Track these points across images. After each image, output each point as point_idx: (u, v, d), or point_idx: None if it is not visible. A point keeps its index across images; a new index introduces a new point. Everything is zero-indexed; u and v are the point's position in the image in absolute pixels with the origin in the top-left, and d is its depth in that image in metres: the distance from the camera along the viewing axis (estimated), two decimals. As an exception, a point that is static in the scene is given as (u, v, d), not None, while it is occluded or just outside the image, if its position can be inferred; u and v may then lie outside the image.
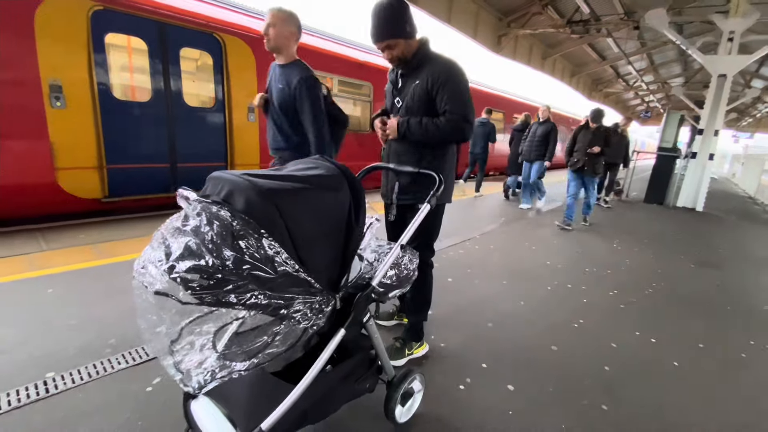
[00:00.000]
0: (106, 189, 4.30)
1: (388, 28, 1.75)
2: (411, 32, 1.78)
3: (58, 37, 3.78)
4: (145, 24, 4.35)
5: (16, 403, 1.53)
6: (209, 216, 0.92)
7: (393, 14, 1.73)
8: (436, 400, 1.70)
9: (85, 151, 4.08)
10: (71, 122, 3.94)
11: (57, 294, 2.43)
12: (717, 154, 28.22)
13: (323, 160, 1.24)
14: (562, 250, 4.31)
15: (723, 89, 7.60)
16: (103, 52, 4.09)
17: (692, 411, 1.81)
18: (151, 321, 1.03)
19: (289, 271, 0.98)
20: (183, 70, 4.73)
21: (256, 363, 1.01)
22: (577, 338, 2.39)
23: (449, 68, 1.79)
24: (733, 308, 3.07)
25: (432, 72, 1.77)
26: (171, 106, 4.67)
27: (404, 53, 1.80)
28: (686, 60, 14.77)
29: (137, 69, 4.46)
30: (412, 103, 1.83)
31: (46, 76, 3.72)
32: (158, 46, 4.48)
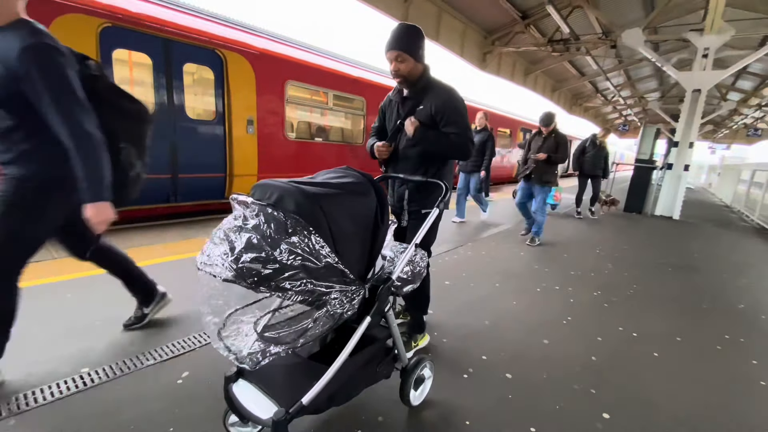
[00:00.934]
0: None
1: (405, 40, 1.89)
2: (421, 57, 1.95)
3: None
4: (151, 40, 4.52)
5: (58, 394, 1.65)
6: (266, 216, 1.10)
7: (413, 33, 1.91)
8: (443, 386, 1.88)
9: None
10: None
11: (76, 298, 2.54)
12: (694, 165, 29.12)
13: (351, 170, 1.44)
14: (549, 256, 4.55)
15: (697, 103, 8.04)
16: (110, 67, 4.24)
17: (670, 394, 2.02)
18: (207, 315, 1.19)
19: (331, 263, 1.15)
20: (186, 84, 4.90)
21: (302, 342, 1.18)
22: (566, 333, 2.60)
23: (452, 96, 1.97)
24: (708, 307, 3.33)
25: (437, 99, 1.94)
26: (174, 119, 4.81)
27: (411, 73, 1.94)
28: (662, 75, 15.53)
29: (142, 83, 4.62)
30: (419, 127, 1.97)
31: None
32: (163, 61, 4.66)
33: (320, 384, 1.25)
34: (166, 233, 4.28)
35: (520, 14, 9.95)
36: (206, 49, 5.02)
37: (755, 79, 14.24)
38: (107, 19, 4.14)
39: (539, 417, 1.73)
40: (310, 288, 1.12)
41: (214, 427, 1.49)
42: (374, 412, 1.69)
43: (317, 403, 1.29)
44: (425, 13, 9.06)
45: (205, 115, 5.21)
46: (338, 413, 1.64)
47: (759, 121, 21.62)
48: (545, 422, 1.70)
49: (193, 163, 5.08)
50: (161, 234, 4.24)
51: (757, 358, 2.47)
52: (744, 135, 24.83)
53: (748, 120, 21.43)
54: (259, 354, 1.17)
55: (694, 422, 1.80)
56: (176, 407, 1.63)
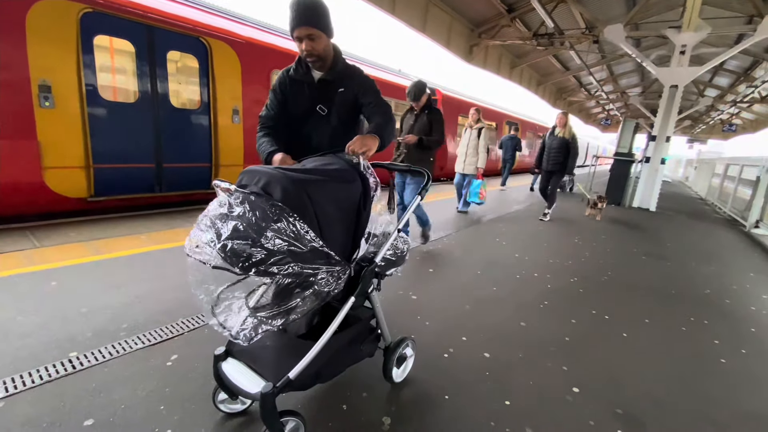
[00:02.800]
0: (92, 188, 4.35)
1: (316, 15, 1.68)
2: (332, 33, 1.77)
3: (48, 38, 3.84)
4: (134, 27, 4.44)
5: (47, 377, 1.68)
6: (251, 204, 1.16)
7: (322, 6, 1.70)
8: (425, 365, 1.97)
9: (72, 151, 4.13)
10: (59, 122, 3.99)
11: (61, 286, 2.54)
12: (672, 159, 29.72)
13: (338, 158, 1.50)
14: (530, 244, 4.70)
15: (674, 99, 8.31)
16: (91, 53, 4.16)
17: (637, 370, 2.16)
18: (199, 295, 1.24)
19: (316, 247, 1.22)
20: (169, 72, 4.84)
21: (292, 318, 1.25)
22: (542, 316, 2.73)
23: (367, 76, 1.89)
24: (677, 292, 3.51)
25: (357, 80, 1.85)
26: (157, 108, 4.76)
27: (326, 51, 1.77)
28: (643, 71, 15.87)
29: (124, 71, 4.54)
30: (342, 110, 1.86)
31: (35, 77, 3.77)
32: (146, 48, 4.58)
33: (306, 359, 1.32)
34: (151, 223, 4.26)
35: (506, 7, 10.03)
36: (190, 36, 4.95)
37: (731, 76, 14.68)
38: (88, 4, 4.05)
39: (513, 391, 1.85)
40: (297, 270, 1.18)
41: (204, 405, 1.55)
42: (359, 388, 1.77)
43: (303, 379, 1.36)
44: (412, 5, 9.05)
45: (189, 104, 5.16)
46: (324, 390, 1.72)
47: (734, 117, 22.33)
48: (519, 396, 1.82)
49: (177, 152, 5.04)
50: (146, 224, 4.21)
51: (719, 339, 2.64)
52: (720, 130, 25.61)
53: (724, 116, 22.11)
54: (251, 330, 1.23)
55: (657, 395, 1.93)
56: (166, 387, 1.68)
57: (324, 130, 1.87)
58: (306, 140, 1.89)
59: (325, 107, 1.84)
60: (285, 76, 1.89)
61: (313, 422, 1.54)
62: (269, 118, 1.93)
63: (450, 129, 11.14)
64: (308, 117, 1.87)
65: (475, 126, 5.97)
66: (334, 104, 1.84)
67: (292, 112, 1.89)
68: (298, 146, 1.83)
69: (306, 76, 1.84)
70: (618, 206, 8.84)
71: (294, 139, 1.89)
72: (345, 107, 1.85)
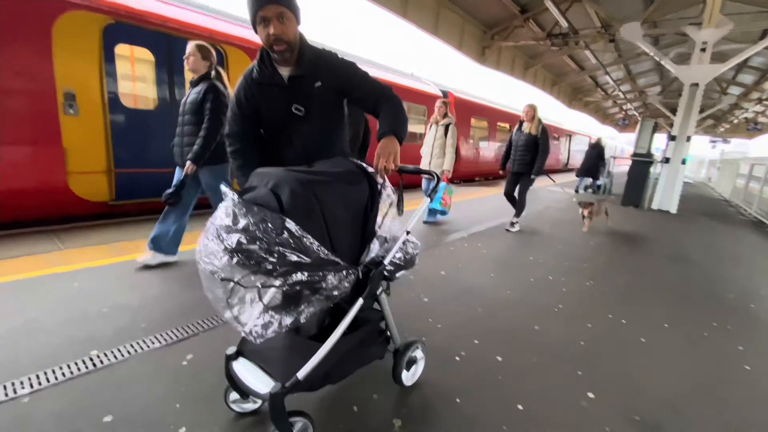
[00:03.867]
0: (113, 192, 4.50)
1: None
2: (300, 19, 1.54)
3: (72, 48, 4.00)
4: (153, 36, 4.60)
5: (69, 374, 1.74)
6: (254, 216, 1.17)
7: None
8: (436, 368, 1.96)
9: (94, 156, 4.29)
10: (82, 129, 4.16)
11: (83, 287, 2.63)
12: (694, 160, 28.89)
13: (345, 160, 1.51)
14: (544, 247, 4.63)
15: (695, 97, 8.09)
16: (113, 62, 4.32)
17: (656, 376, 2.10)
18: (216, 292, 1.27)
19: (320, 255, 1.22)
20: (187, 80, 4.96)
21: (301, 319, 1.27)
22: (557, 320, 2.68)
23: (341, 58, 1.63)
24: (699, 296, 3.41)
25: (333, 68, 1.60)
26: (176, 115, 4.88)
27: (295, 38, 1.52)
28: (662, 69, 15.50)
29: (144, 79, 4.70)
30: (322, 107, 1.62)
31: (61, 86, 3.93)
32: (165, 57, 4.73)
33: (314, 360, 1.33)
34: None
35: (519, 8, 9.96)
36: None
37: (756, 73, 14.20)
38: (111, 15, 4.22)
39: (526, 396, 1.82)
40: (303, 279, 1.20)
41: (218, 404, 1.58)
42: (369, 390, 1.77)
43: (312, 380, 1.37)
44: (424, 7, 9.08)
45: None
46: (335, 391, 1.73)
47: (760, 115, 21.58)
48: (532, 400, 1.79)
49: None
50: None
51: (743, 345, 2.55)
52: (745, 129, 24.79)
53: (749, 114, 21.40)
54: (262, 327, 1.26)
55: (676, 403, 1.88)
56: (181, 386, 1.72)
57: (305, 132, 1.63)
58: (288, 147, 1.66)
59: (302, 106, 1.58)
60: (248, 82, 1.63)
61: (324, 423, 1.55)
62: (235, 135, 1.70)
63: (462, 131, 11.15)
64: (285, 122, 1.62)
65: (441, 121, 5.13)
66: (311, 101, 1.58)
67: (266, 119, 1.65)
68: (281, 156, 1.66)
69: (273, 76, 1.58)
70: (636, 208, 8.63)
71: (275, 148, 1.69)
72: (325, 103, 1.61)
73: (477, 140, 12.50)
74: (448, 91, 10.84)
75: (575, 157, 23.57)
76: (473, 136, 12.09)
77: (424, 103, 9.67)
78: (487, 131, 12.90)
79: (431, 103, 9.81)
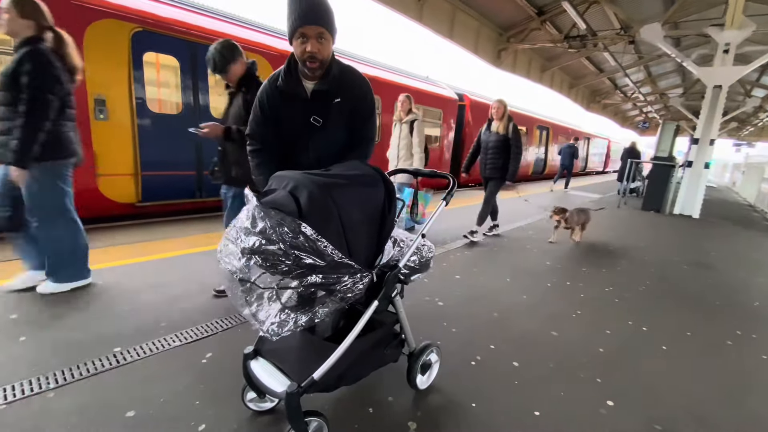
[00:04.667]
0: (139, 194, 4.71)
1: (328, 13, 1.51)
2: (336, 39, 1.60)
3: (103, 55, 4.19)
4: (179, 44, 4.78)
5: (93, 370, 1.79)
6: (272, 220, 1.20)
7: (330, 4, 1.52)
8: (451, 372, 1.96)
9: (122, 160, 4.49)
10: (112, 133, 4.35)
11: (107, 286, 2.71)
12: (718, 164, 28.02)
13: (361, 164, 1.53)
14: (562, 252, 4.56)
15: (718, 100, 7.88)
16: (141, 69, 4.50)
17: (678, 384, 2.05)
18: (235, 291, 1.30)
19: (335, 258, 1.24)
20: (210, 85, 5.17)
21: (315, 318, 1.28)
22: (575, 326, 2.64)
23: (368, 89, 1.73)
24: (722, 303, 3.31)
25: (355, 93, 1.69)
26: (199, 119, 5.04)
27: (327, 57, 1.58)
28: (684, 71, 15.15)
29: (170, 84, 4.89)
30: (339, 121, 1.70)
31: (92, 92, 4.14)
32: (189, 63, 4.92)
33: (330, 361, 1.34)
34: (187, 228, 4.47)
35: (536, 10, 9.88)
36: None
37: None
38: (139, 24, 4.41)
39: (544, 402, 1.80)
40: (318, 281, 1.22)
41: (236, 402, 1.61)
42: (385, 392, 1.78)
43: (327, 381, 1.38)
44: (439, 12, 9.09)
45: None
46: (351, 393, 1.74)
47: (787, 117, 20.85)
48: (549, 407, 1.77)
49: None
50: (183, 229, 4.42)
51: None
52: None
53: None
54: (278, 326, 1.28)
55: (699, 412, 1.83)
56: (201, 383, 1.75)
57: (321, 141, 1.72)
58: (303, 153, 1.75)
59: (320, 118, 1.68)
60: (272, 88, 1.70)
61: (339, 424, 1.56)
62: (260, 135, 1.77)
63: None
64: (303, 130, 1.71)
65: (405, 118, 4.54)
66: (329, 115, 1.68)
67: (286, 126, 1.73)
68: (296, 160, 1.74)
69: (297, 88, 1.65)
70: (657, 213, 8.43)
71: (290, 153, 1.77)
72: (342, 118, 1.71)
73: None
74: (463, 94, 10.81)
75: (593, 160, 23.17)
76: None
77: (440, 107, 9.67)
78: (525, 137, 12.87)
79: (447, 106, 9.82)
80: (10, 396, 1.59)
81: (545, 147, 16.41)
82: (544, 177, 16.57)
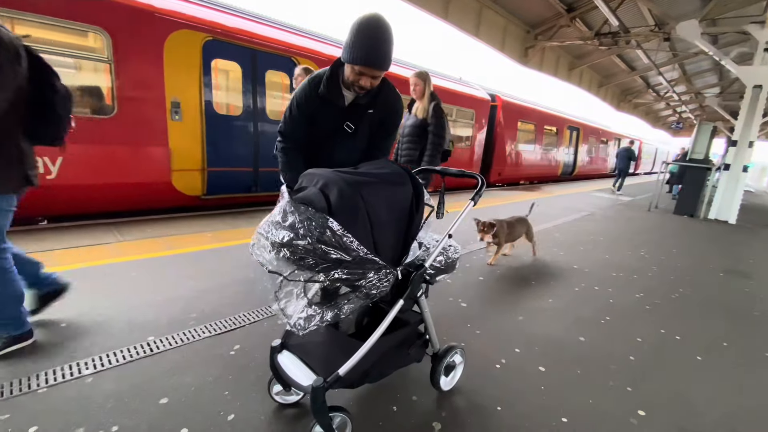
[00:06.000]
0: (204, 188, 5.15)
1: (388, 59, 1.61)
2: None
3: (179, 62, 4.61)
4: (243, 51, 5.19)
5: (129, 358, 1.87)
6: (301, 214, 1.22)
7: (393, 46, 1.59)
8: (476, 375, 1.94)
9: (192, 156, 4.93)
10: (184, 132, 4.79)
11: (139, 277, 2.81)
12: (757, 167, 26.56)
13: (390, 163, 1.53)
14: (589, 256, 4.44)
15: (759, 100, 7.52)
16: (209, 74, 4.91)
17: (713, 396, 1.97)
18: (267, 285, 1.34)
19: (360, 255, 1.24)
20: (267, 89, 5.57)
21: (340, 315, 1.30)
22: (603, 332, 2.57)
23: (399, 102, 1.87)
24: (761, 313, 3.15)
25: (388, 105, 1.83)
26: (256, 119, 5.52)
27: (375, 87, 1.73)
28: (722, 70, 14.46)
29: (233, 89, 5.32)
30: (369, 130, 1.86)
31: (169, 95, 4.57)
32: (250, 69, 5.32)
33: (355, 358, 1.35)
34: (215, 223, 4.58)
35: (566, 7, 9.62)
36: (284, 57, 5.65)
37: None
38: (209, 33, 4.81)
39: (571, 409, 1.76)
40: (344, 277, 1.23)
41: (263, 394, 1.64)
42: (409, 391, 1.78)
43: (352, 377, 1.39)
44: (466, 9, 8.98)
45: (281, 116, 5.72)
46: (376, 391, 1.75)
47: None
48: (577, 414, 1.73)
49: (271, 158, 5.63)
50: (211, 224, 4.54)
51: (813, 369, 2.33)
52: (817, 134, 22.55)
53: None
54: (305, 320, 1.30)
55: (735, 425, 1.75)
56: (230, 374, 1.80)
57: (349, 146, 1.86)
58: (330, 156, 1.86)
59: (353, 125, 1.81)
60: (313, 93, 1.78)
61: (364, 421, 1.57)
62: (293, 133, 1.86)
63: (510, 134, 11.14)
64: (334, 134, 1.83)
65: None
66: (361, 123, 1.82)
67: (319, 127, 1.84)
68: (322, 161, 1.79)
69: (337, 96, 1.76)
70: (692, 217, 8.09)
71: (318, 154, 1.88)
72: (372, 127, 1.85)
73: (523, 144, 12.37)
74: (495, 95, 10.79)
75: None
76: (520, 140, 12.04)
77: (472, 107, 9.81)
78: (533, 134, 12.72)
79: (480, 107, 9.99)
80: (51, 380, 1.68)
81: (575, 148, 16.13)
82: (573, 178, 16.42)
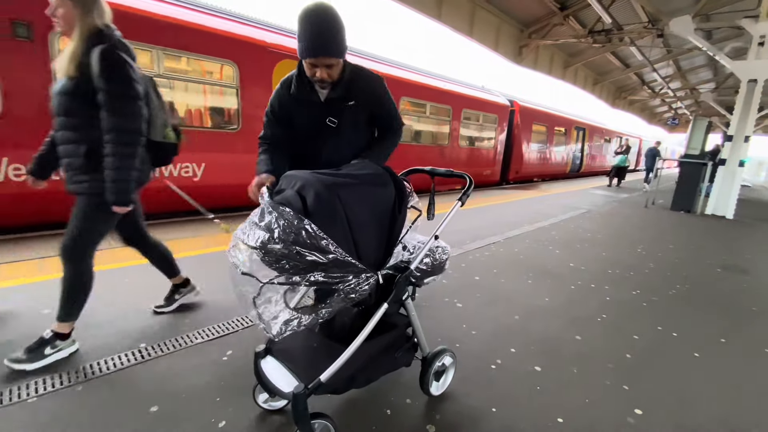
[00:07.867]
0: None
1: (335, 42, 1.53)
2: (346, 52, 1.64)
3: None
4: None
5: (120, 365, 1.84)
6: (278, 214, 1.20)
7: (339, 28, 1.53)
8: (470, 376, 1.92)
9: None
10: None
11: (132, 283, 2.79)
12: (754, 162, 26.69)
13: (372, 164, 1.51)
14: (586, 254, 4.43)
15: (754, 94, 7.53)
16: None
17: (711, 393, 1.95)
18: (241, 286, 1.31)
19: (337, 257, 1.21)
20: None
21: (318, 319, 1.28)
22: (600, 330, 2.55)
23: (380, 83, 1.78)
24: (758, 309, 3.14)
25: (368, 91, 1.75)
26: None
27: (336, 76, 1.66)
28: (716, 65, 14.52)
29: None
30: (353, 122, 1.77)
31: None
32: None
33: (337, 363, 1.32)
34: (209, 228, 4.56)
35: (559, 5, 9.65)
36: None
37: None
38: None
39: (568, 409, 1.74)
40: (320, 279, 1.21)
41: (252, 399, 1.62)
42: (403, 394, 1.76)
43: (335, 383, 1.36)
44: (459, 9, 8.99)
45: None
46: (368, 395, 1.73)
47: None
48: (574, 414, 1.71)
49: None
50: (207, 229, 4.52)
51: (811, 364, 2.32)
52: (812, 128, 22.65)
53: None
54: (282, 324, 1.28)
55: (734, 424, 1.74)
56: (222, 380, 1.78)
57: (335, 142, 1.77)
58: (317, 153, 1.79)
59: (335, 119, 1.73)
60: (285, 94, 1.76)
61: (356, 425, 1.55)
62: (272, 137, 1.84)
63: (526, 136, 11.97)
64: (317, 131, 1.76)
65: None
66: (344, 116, 1.74)
67: (299, 127, 1.79)
68: (308, 160, 1.76)
69: (311, 95, 1.71)
70: (688, 213, 8.09)
71: (303, 153, 1.81)
72: (356, 118, 1.76)
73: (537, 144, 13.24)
74: (513, 100, 11.47)
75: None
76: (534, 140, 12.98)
77: (496, 113, 10.64)
78: (545, 135, 13.57)
79: (501, 112, 10.96)
80: (41, 389, 1.65)
81: (581, 146, 17.03)
82: (580, 175, 17.43)
